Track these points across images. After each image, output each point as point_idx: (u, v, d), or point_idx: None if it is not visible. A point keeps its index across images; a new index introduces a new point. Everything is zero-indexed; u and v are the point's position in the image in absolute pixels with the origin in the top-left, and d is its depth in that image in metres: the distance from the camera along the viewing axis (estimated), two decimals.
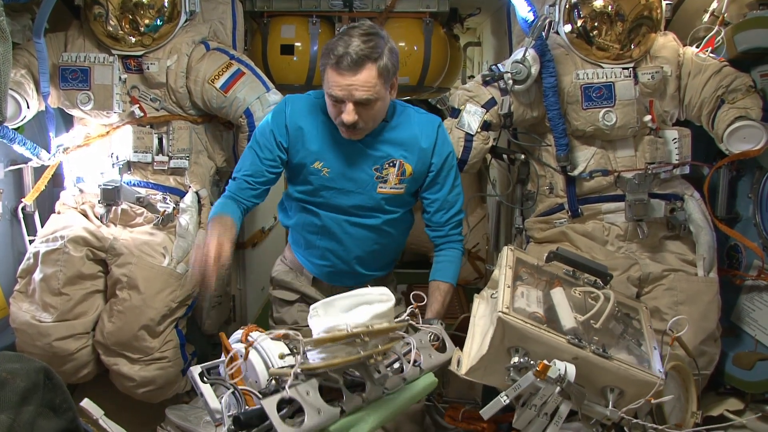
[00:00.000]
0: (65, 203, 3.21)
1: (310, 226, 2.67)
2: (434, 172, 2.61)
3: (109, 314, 2.94)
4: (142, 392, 2.99)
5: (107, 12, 3.04)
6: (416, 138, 2.56)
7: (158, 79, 3.11)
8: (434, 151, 2.59)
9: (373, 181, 2.56)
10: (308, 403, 1.72)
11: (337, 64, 2.29)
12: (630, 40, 2.98)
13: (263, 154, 2.56)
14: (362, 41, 2.29)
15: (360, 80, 2.29)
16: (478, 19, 4.63)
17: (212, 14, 3.38)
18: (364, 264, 2.71)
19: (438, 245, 2.71)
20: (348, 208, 2.60)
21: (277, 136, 2.55)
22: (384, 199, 2.59)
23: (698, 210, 3.03)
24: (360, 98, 2.32)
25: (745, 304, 3.10)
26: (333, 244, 2.65)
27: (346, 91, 2.31)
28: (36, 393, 1.57)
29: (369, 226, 2.63)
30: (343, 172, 2.55)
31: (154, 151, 3.15)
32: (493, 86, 3.07)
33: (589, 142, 3.06)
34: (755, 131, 2.85)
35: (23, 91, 2.97)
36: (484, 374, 2.14)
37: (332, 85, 2.33)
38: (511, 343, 2.05)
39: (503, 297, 2.12)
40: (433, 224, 2.69)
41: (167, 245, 3.07)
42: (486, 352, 2.06)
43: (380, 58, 2.31)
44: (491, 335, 2.05)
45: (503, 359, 2.06)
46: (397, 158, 2.55)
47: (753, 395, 3.04)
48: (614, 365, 2.02)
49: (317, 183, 2.58)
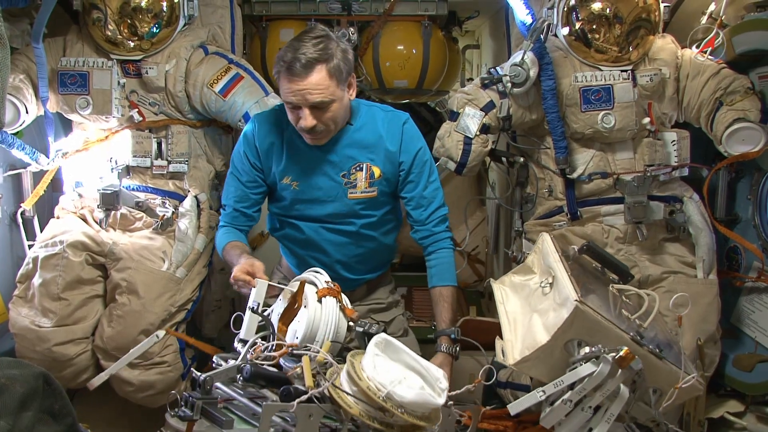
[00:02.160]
0: (64, 208, 3.20)
1: (292, 238, 2.69)
2: (405, 170, 2.57)
3: (108, 319, 2.94)
4: (141, 397, 2.99)
5: (106, 17, 3.04)
6: (381, 139, 2.53)
7: (157, 83, 3.10)
8: (401, 150, 2.55)
9: (342, 188, 2.54)
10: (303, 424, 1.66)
11: (288, 69, 2.28)
12: (628, 43, 2.97)
13: (244, 178, 2.58)
14: (312, 44, 2.29)
15: (311, 83, 2.28)
16: (476, 22, 4.63)
17: (211, 18, 3.38)
18: (350, 269, 2.69)
19: (426, 247, 2.64)
20: (323, 217, 2.60)
21: (250, 158, 2.57)
22: (357, 204, 2.58)
23: (697, 212, 3.03)
24: (314, 101, 2.31)
25: (745, 306, 3.10)
26: (316, 253, 2.65)
27: (300, 96, 2.30)
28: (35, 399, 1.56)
29: (347, 233, 2.62)
30: (310, 183, 2.54)
31: (153, 156, 3.15)
32: (491, 89, 3.07)
33: (588, 144, 3.06)
34: (754, 133, 2.86)
35: (22, 96, 2.96)
36: (533, 365, 2.04)
37: (286, 92, 2.33)
38: (576, 334, 1.96)
39: (571, 286, 2.01)
40: (415, 223, 2.64)
41: (166, 249, 3.07)
42: (546, 342, 1.97)
43: (330, 59, 2.30)
44: (560, 325, 1.95)
45: (558, 352, 1.98)
46: (364, 161, 2.53)
47: (753, 397, 3.04)
48: (667, 367, 1.99)
49: (290, 197, 2.58)
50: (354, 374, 1.73)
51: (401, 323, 2.93)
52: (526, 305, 2.20)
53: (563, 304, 1.98)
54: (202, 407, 1.75)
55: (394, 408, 1.68)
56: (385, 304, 2.87)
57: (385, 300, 2.87)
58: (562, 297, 2.01)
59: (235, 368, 1.88)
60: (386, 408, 1.68)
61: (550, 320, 2.03)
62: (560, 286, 2.07)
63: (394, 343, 1.83)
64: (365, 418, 1.70)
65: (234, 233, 2.60)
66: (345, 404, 1.70)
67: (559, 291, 2.07)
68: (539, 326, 2.04)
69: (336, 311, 2.14)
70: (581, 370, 1.85)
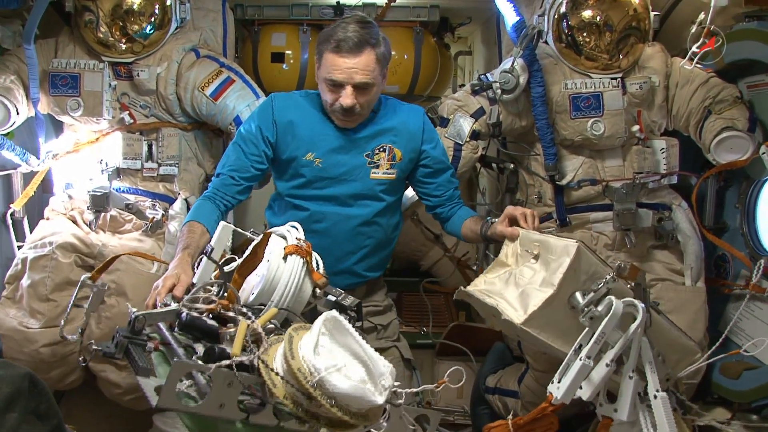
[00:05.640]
0: (54, 209, 3.20)
1: (301, 223, 2.62)
2: (429, 157, 2.69)
3: (97, 321, 2.92)
4: (129, 399, 2.98)
5: (98, 19, 3.05)
6: (404, 123, 2.64)
7: (148, 86, 3.11)
8: (423, 138, 2.67)
9: (365, 167, 2.60)
10: (220, 390, 1.47)
11: (338, 47, 2.36)
12: (618, 51, 2.99)
13: (248, 150, 2.57)
14: (361, 27, 2.38)
15: (360, 63, 2.38)
16: (468, 29, 4.64)
17: (203, 22, 3.39)
18: (358, 261, 2.71)
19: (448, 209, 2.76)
20: (342, 197, 2.61)
21: (263, 131, 2.57)
22: (378, 184, 2.63)
23: (686, 219, 3.04)
24: (360, 81, 2.39)
25: (733, 314, 3.10)
26: (326, 240, 2.60)
27: (347, 74, 2.38)
28: (20, 399, 1.57)
29: (361, 218, 2.64)
30: (336, 161, 2.58)
31: (143, 158, 3.15)
32: (482, 96, 3.09)
33: (578, 151, 3.07)
34: (742, 141, 2.87)
35: (12, 96, 2.97)
36: (541, 326, 2.03)
37: (332, 69, 2.39)
38: (579, 282, 2.02)
39: (563, 240, 2.09)
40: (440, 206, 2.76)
41: (156, 252, 3.07)
42: (553, 292, 1.98)
43: (378, 45, 2.42)
44: (564, 270, 1.98)
45: (562, 308, 2.01)
46: (387, 143, 2.62)
47: (740, 404, 3.04)
48: (668, 325, 1.99)
49: (310, 175, 2.59)
50: (288, 352, 1.54)
51: (396, 327, 2.97)
52: (513, 287, 2.17)
53: (560, 256, 2.00)
54: (126, 346, 1.63)
55: (323, 398, 1.49)
56: (382, 306, 2.90)
57: (381, 303, 2.91)
58: (558, 253, 2.03)
59: (173, 313, 1.74)
60: (314, 396, 1.49)
61: (547, 277, 2.02)
62: (550, 246, 2.09)
63: (345, 325, 1.62)
64: (289, 404, 1.52)
65: (210, 207, 2.50)
66: (270, 382, 1.53)
67: (550, 251, 2.07)
68: (536, 289, 2.04)
69: (300, 272, 1.94)
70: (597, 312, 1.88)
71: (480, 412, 3.34)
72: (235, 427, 1.52)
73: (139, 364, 1.59)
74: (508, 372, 3.22)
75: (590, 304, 1.96)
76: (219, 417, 1.48)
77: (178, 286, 2.00)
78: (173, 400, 1.45)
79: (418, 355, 3.54)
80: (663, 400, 1.94)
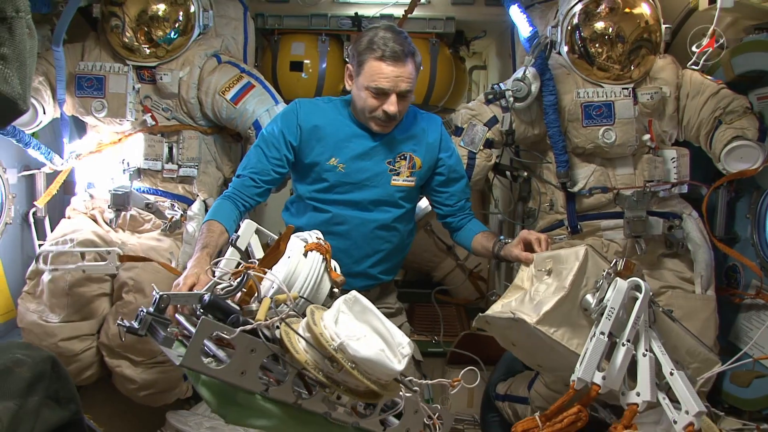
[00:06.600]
0: (75, 209, 3.28)
1: (322, 225, 2.67)
2: (445, 165, 2.76)
3: (114, 317, 2.98)
4: (143, 395, 3.03)
5: (124, 24, 3.15)
6: (424, 132, 2.71)
7: (170, 89, 3.20)
8: (440, 147, 2.74)
9: (387, 174, 2.66)
10: (242, 357, 1.52)
11: (385, 56, 2.44)
12: (630, 62, 3.03)
13: (270, 153, 2.62)
14: (403, 38, 2.49)
15: (406, 72, 2.48)
16: (483, 43, 4.72)
17: (225, 29, 3.48)
18: (374, 264, 2.76)
19: (459, 219, 2.84)
20: (363, 202, 2.67)
21: (287, 135, 2.62)
22: (398, 191, 2.69)
23: (696, 229, 3.06)
24: (403, 89, 2.49)
25: (744, 324, 3.10)
26: (344, 242, 2.67)
27: (393, 83, 2.46)
28: (42, 382, 1.60)
29: (380, 222, 2.70)
30: (358, 167, 2.64)
31: (164, 159, 3.23)
32: (495, 104, 3.14)
33: (589, 159, 3.11)
34: (752, 151, 2.90)
35: (40, 97, 3.06)
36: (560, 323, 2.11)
37: (378, 77, 2.46)
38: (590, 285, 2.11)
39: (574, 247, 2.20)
40: (452, 215, 2.83)
41: (174, 251, 3.13)
42: (566, 292, 2.08)
43: (416, 54, 2.52)
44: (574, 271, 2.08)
45: (575, 309, 2.10)
46: (408, 151, 2.68)
47: (751, 413, 3.04)
48: (680, 329, 2.04)
49: (333, 179, 2.65)
50: (311, 320, 1.60)
51: (407, 330, 3.01)
52: (529, 302, 2.23)
53: (570, 261, 2.10)
54: (150, 324, 1.68)
55: (345, 361, 1.54)
56: (394, 309, 2.96)
57: (393, 306, 2.96)
58: (569, 260, 2.12)
59: (197, 296, 1.78)
60: (336, 358, 1.54)
61: (559, 284, 2.12)
62: (561, 257, 2.17)
63: (364, 303, 1.68)
64: (311, 368, 1.57)
65: (229, 206, 2.55)
66: (293, 348, 1.56)
67: (561, 261, 2.15)
68: (549, 294, 2.12)
69: (320, 268, 1.97)
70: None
71: (490, 420, 3.34)
72: (254, 399, 1.56)
73: (162, 335, 1.66)
74: (518, 379, 3.23)
75: (599, 300, 2.07)
76: (239, 386, 1.52)
77: (198, 285, 2.06)
78: (197, 361, 1.49)
79: (430, 363, 3.56)
80: (680, 375, 2.00)
